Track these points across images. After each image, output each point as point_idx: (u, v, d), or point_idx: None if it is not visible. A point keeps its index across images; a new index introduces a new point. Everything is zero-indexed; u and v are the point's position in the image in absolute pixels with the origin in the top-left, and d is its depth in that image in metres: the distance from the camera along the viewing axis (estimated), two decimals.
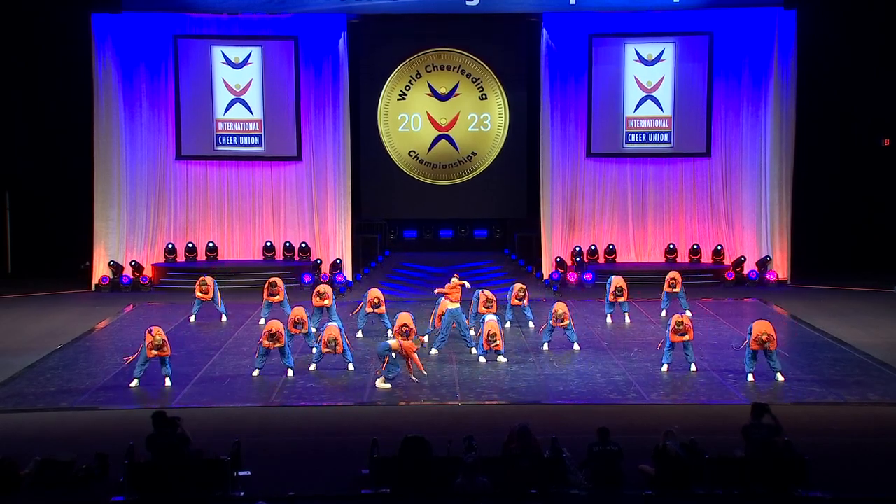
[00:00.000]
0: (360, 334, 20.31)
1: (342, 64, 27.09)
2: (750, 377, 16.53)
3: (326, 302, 20.42)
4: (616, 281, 21.48)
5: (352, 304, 24.37)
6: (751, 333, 16.61)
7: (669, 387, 16.39)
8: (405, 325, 17.11)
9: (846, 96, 28.14)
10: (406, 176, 28.95)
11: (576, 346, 18.84)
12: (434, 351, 18.68)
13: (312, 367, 17.48)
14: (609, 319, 21.55)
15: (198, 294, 21.88)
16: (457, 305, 18.81)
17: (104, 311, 23.49)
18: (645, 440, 11.82)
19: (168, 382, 16.51)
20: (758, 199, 27.29)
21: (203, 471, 11.20)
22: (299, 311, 18.42)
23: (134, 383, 16.51)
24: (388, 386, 16.40)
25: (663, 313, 21.77)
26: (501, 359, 17.97)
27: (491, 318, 18.27)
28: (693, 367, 17.08)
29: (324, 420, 15.08)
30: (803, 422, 14.00)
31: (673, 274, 21.98)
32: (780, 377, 16.47)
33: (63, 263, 27.90)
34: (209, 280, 22.07)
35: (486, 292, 19.98)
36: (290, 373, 17.07)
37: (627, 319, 21.59)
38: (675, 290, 21.72)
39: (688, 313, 20.30)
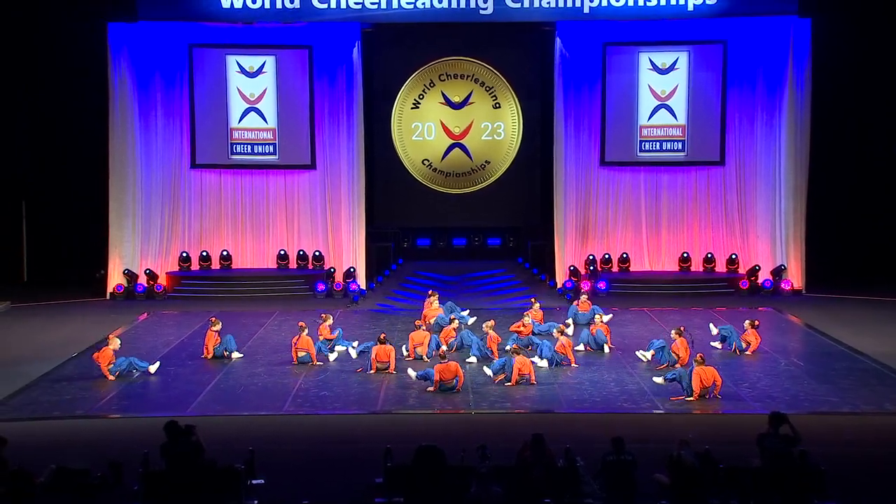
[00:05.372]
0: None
1: (356, 73, 27.12)
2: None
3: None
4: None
5: (364, 312, 24.44)
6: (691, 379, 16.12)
7: (683, 395, 16.31)
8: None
9: (861, 105, 28.03)
10: (420, 184, 28.98)
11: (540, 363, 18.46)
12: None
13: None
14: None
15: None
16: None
17: (119, 319, 23.56)
18: (659, 449, 11.78)
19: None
20: (772, 208, 27.19)
21: (217, 479, 11.20)
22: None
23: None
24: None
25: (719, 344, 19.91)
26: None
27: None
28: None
29: (337, 428, 15.09)
30: (819, 431, 13.89)
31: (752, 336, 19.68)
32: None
33: (78, 272, 27.98)
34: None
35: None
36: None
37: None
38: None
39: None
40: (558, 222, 27.54)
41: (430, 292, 22.70)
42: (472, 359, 18.67)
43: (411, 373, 17.37)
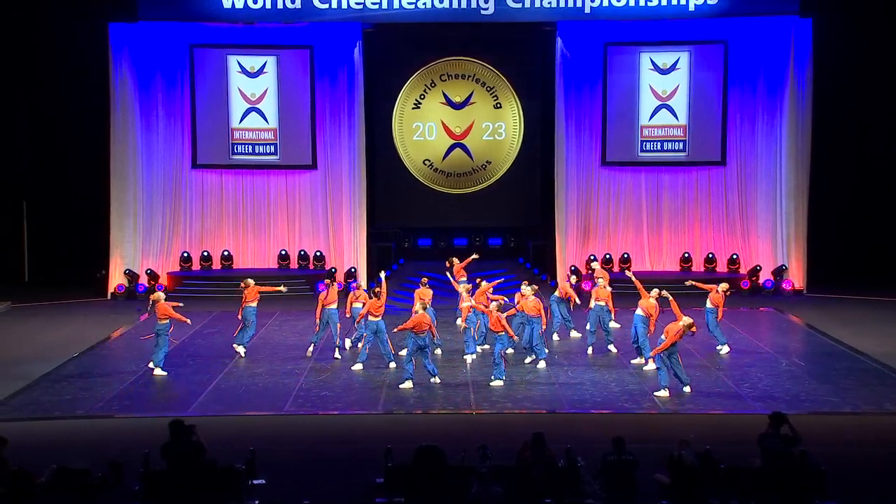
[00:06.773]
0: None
1: (357, 73, 27.12)
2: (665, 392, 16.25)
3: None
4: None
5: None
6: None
7: (684, 396, 16.32)
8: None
9: (862, 105, 28.02)
10: (421, 184, 28.99)
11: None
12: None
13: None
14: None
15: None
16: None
17: (120, 319, 23.56)
18: (659, 449, 11.78)
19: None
20: (773, 208, 27.18)
21: (217, 479, 11.20)
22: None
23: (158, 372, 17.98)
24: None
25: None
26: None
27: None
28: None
29: (338, 428, 15.10)
30: (819, 431, 13.89)
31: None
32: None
33: (79, 272, 27.98)
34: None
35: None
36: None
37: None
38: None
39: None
40: (559, 222, 27.54)
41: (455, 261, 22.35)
42: (469, 357, 18.68)
43: (408, 385, 16.96)
